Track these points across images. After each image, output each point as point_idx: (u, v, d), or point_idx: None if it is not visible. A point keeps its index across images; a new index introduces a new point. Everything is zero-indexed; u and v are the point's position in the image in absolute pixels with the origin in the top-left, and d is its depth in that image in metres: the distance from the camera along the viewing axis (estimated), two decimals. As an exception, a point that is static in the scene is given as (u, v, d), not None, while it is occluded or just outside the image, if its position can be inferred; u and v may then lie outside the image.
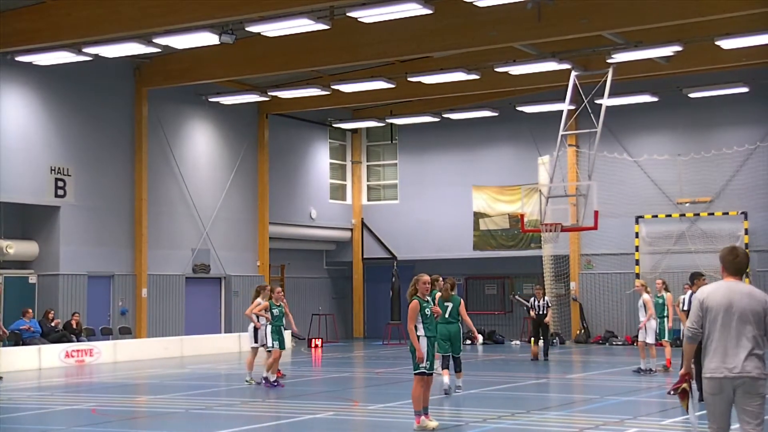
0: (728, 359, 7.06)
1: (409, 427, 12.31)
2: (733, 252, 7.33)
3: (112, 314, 27.00)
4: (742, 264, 7.31)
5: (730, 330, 7.10)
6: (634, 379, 18.88)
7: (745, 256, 7.36)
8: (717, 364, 7.09)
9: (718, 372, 7.08)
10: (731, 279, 7.31)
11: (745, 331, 7.08)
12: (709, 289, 7.32)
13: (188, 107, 29.58)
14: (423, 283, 12.30)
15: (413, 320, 12.19)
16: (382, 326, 33.67)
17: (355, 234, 36.06)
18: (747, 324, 7.09)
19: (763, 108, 29.58)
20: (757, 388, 7.04)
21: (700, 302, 7.28)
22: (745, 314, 7.11)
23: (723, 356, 7.08)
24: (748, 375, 7.02)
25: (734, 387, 7.03)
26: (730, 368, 7.04)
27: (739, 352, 7.05)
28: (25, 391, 18.48)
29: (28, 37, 21.84)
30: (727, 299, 7.16)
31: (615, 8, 20.98)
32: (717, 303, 7.18)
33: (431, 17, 21.10)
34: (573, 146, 31.07)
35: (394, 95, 29.93)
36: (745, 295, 7.17)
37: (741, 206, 29.45)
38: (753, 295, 7.19)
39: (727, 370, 7.04)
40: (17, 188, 24.67)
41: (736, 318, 7.11)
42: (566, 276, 31.94)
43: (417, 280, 12.36)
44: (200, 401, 15.79)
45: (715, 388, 7.09)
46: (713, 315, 7.17)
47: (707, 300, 7.24)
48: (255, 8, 19.88)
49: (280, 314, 17.83)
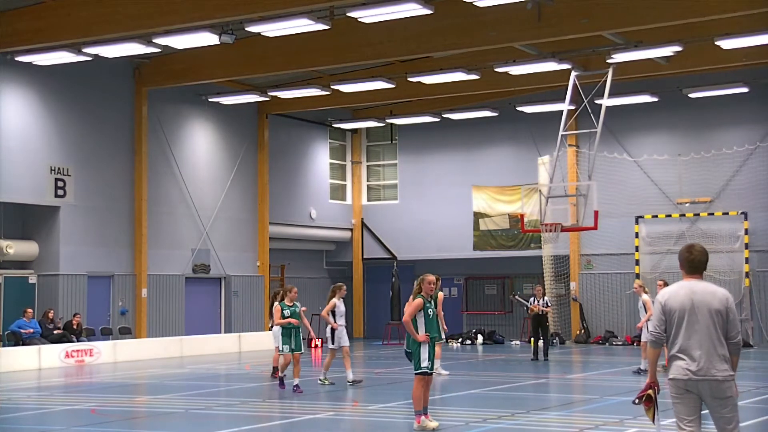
0: (692, 361, 6.88)
1: (409, 427, 12.32)
2: (689, 249, 7.08)
3: (112, 314, 27.00)
4: (699, 261, 7.07)
5: (693, 331, 6.91)
6: (634, 379, 18.87)
7: (701, 253, 7.09)
8: (681, 366, 6.92)
9: (681, 374, 6.91)
10: (690, 278, 7.09)
11: (709, 333, 6.89)
12: (669, 291, 7.11)
13: (188, 107, 29.59)
14: (428, 282, 12.31)
15: (412, 314, 12.21)
16: (382, 326, 33.67)
17: (355, 234, 36.06)
18: (710, 325, 6.90)
19: (763, 108, 29.58)
20: (723, 391, 6.85)
21: (662, 305, 7.06)
22: (709, 315, 6.91)
23: (687, 358, 6.90)
24: (713, 378, 6.84)
25: (699, 390, 6.87)
26: (694, 371, 6.86)
27: (703, 354, 6.86)
28: (25, 391, 18.47)
29: (28, 37, 21.84)
30: (688, 299, 6.96)
31: (615, 8, 20.97)
32: (679, 304, 6.98)
33: (431, 17, 21.09)
34: (573, 146, 31.06)
35: (394, 95, 29.92)
36: (707, 294, 6.97)
37: (741, 206, 29.44)
38: (715, 294, 6.97)
39: (691, 372, 6.87)
40: (17, 188, 24.68)
41: (698, 319, 6.91)
42: (566, 276, 31.94)
43: (422, 279, 12.37)
44: (200, 401, 15.79)
45: (680, 391, 6.94)
46: (676, 317, 6.96)
47: (669, 302, 7.03)
48: (255, 8, 19.88)
49: (292, 315, 17.59)
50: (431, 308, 12.34)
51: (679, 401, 6.98)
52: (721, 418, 6.90)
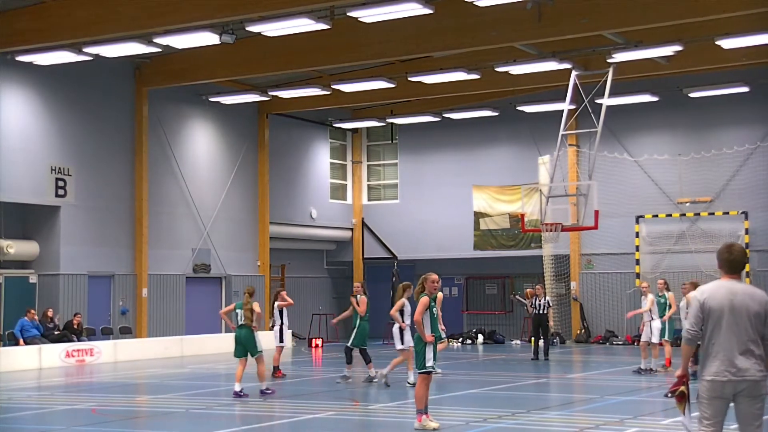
0: (732, 362, 6.87)
1: (409, 427, 12.32)
2: (729, 249, 7.06)
3: (113, 314, 27.01)
4: (739, 261, 7.07)
5: (733, 332, 6.91)
6: (634, 379, 18.87)
7: (741, 253, 7.10)
8: (720, 367, 6.89)
9: (721, 375, 6.89)
10: (730, 278, 7.09)
11: (747, 334, 6.90)
12: (709, 290, 7.07)
13: (188, 107, 29.59)
14: (431, 281, 12.37)
15: (422, 312, 12.24)
16: (382, 326, 33.58)
17: (355, 234, 36.06)
18: (749, 326, 6.91)
19: (763, 108, 29.56)
20: (759, 390, 6.89)
21: (701, 303, 7.03)
22: (747, 316, 6.91)
23: (727, 359, 6.88)
24: (752, 378, 6.86)
25: (736, 390, 6.87)
26: (733, 372, 6.86)
27: (743, 355, 6.87)
28: (25, 391, 18.47)
29: (28, 37, 21.84)
30: (728, 300, 6.95)
31: (615, 8, 20.97)
32: (719, 304, 6.96)
33: (431, 17, 21.10)
34: (573, 146, 31.07)
35: (395, 95, 29.92)
36: (747, 296, 6.97)
37: (741, 206, 29.43)
38: (754, 296, 6.98)
39: (730, 373, 6.86)
40: (17, 188, 24.68)
41: (738, 320, 6.91)
42: (567, 276, 31.94)
43: (425, 278, 12.43)
44: (200, 401, 15.79)
45: (717, 392, 6.91)
46: (716, 316, 6.95)
47: (709, 301, 7.00)
48: (255, 8, 19.88)
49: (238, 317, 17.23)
50: (434, 307, 12.41)
51: (707, 402, 6.95)
52: (750, 414, 6.92)
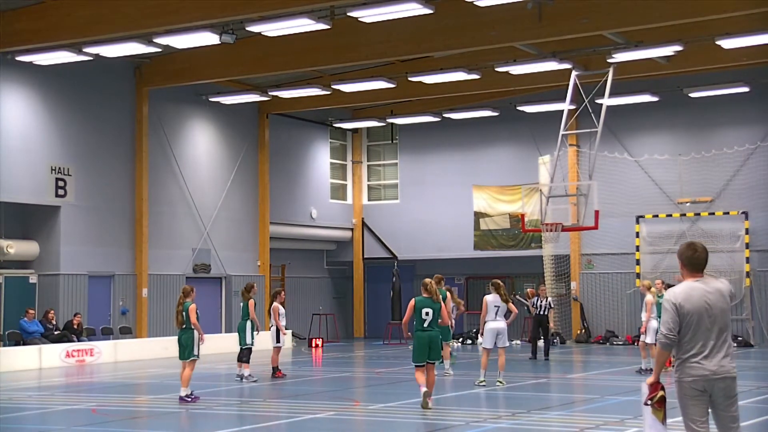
0: (712, 361, 6.88)
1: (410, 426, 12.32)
2: (693, 247, 7.01)
3: (113, 314, 27.00)
4: (703, 259, 7.03)
5: (711, 332, 6.91)
6: (634, 379, 18.86)
7: (704, 251, 7.04)
8: (700, 366, 6.89)
9: (701, 375, 6.88)
10: (694, 277, 7.04)
11: (722, 332, 6.94)
12: (681, 293, 6.99)
13: (188, 107, 29.59)
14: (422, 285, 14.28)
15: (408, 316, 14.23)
16: (382, 326, 33.68)
17: (355, 234, 36.06)
18: (723, 324, 6.95)
19: (764, 108, 29.57)
20: (734, 388, 6.93)
21: (676, 306, 6.94)
22: (722, 314, 6.94)
23: (706, 358, 6.88)
24: (729, 375, 6.89)
25: (714, 388, 6.87)
26: (713, 370, 6.87)
27: (721, 353, 6.90)
28: (26, 391, 18.46)
29: (28, 37, 21.84)
30: (704, 302, 6.93)
31: (615, 8, 20.96)
32: (695, 307, 6.92)
33: (431, 17, 21.10)
34: (573, 146, 31.08)
35: (395, 95, 29.93)
36: (718, 294, 6.96)
37: (741, 206, 29.43)
38: (723, 293, 6.99)
39: (710, 372, 6.87)
40: (17, 188, 24.67)
41: (716, 319, 6.92)
42: (567, 276, 31.93)
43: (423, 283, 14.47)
44: (200, 401, 15.78)
45: (696, 392, 6.90)
46: (694, 319, 6.91)
47: (684, 304, 6.93)
48: (255, 8, 19.88)
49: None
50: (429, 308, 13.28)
51: (693, 402, 6.94)
52: (728, 416, 6.93)
